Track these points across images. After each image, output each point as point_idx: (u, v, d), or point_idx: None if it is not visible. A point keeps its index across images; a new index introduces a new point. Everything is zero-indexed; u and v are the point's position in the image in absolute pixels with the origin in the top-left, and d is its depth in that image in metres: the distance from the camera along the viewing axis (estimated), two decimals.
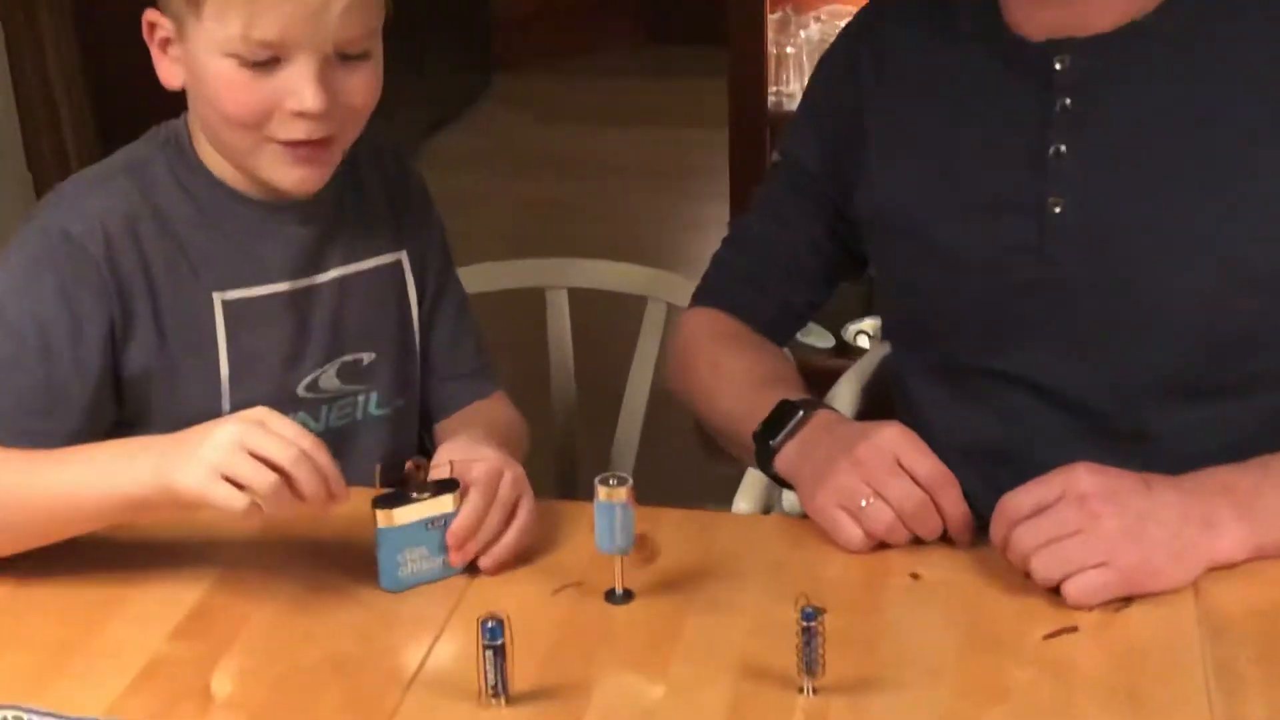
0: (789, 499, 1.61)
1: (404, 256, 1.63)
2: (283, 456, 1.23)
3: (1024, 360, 1.47)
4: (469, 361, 1.71)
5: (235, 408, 1.45)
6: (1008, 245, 1.45)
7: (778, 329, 1.68)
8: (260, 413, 1.27)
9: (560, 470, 2.05)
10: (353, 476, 1.34)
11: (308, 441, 1.25)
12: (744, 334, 1.65)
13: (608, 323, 2.49)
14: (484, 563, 1.35)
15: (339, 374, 1.59)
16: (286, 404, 1.50)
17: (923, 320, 1.54)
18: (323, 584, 1.34)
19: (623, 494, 1.26)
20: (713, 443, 1.64)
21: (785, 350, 1.69)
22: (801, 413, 1.44)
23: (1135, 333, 1.42)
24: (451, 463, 1.35)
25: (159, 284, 1.49)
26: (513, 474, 1.37)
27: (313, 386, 1.57)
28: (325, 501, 1.26)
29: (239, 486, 1.23)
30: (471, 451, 1.38)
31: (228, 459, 1.23)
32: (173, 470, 1.25)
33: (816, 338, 3.29)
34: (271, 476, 1.23)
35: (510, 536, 1.35)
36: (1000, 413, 1.50)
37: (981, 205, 1.46)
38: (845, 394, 1.83)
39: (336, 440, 1.58)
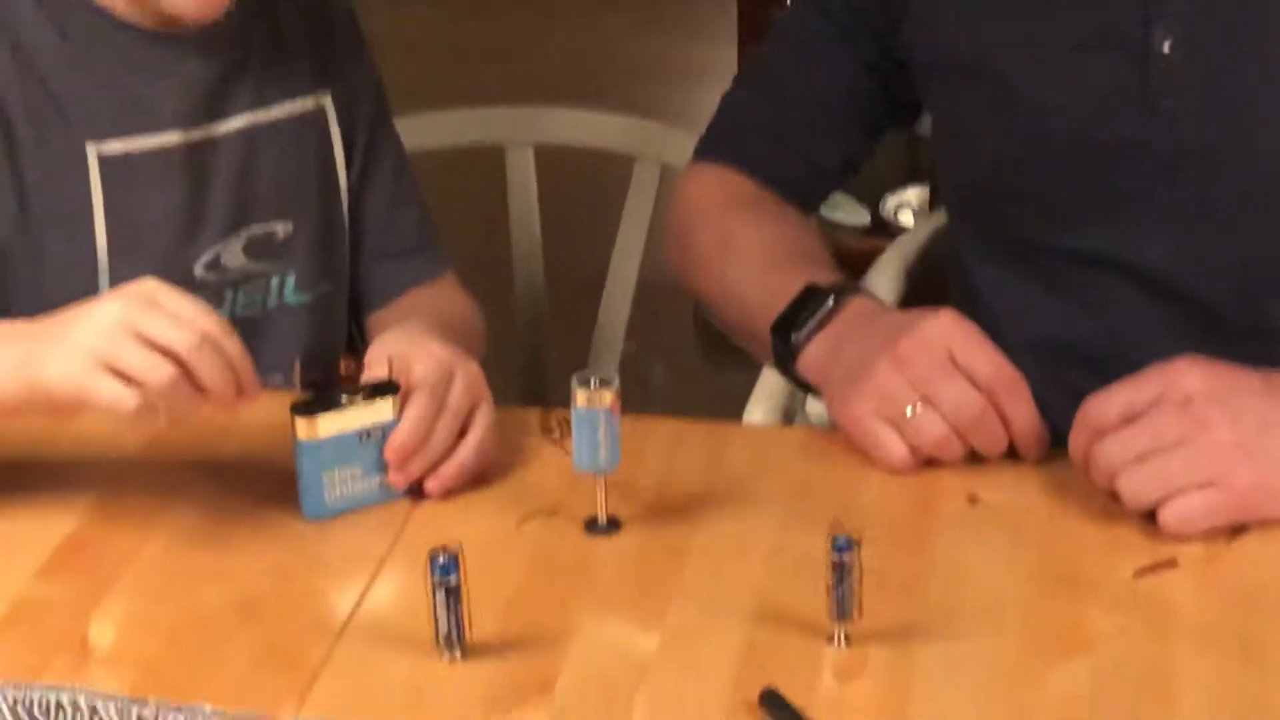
0: (815, 408, 1.62)
1: (327, 102, 1.63)
2: (180, 341, 1.23)
3: (1119, 238, 1.47)
4: (410, 236, 1.72)
5: None
6: (1103, 93, 1.44)
7: (804, 193, 1.67)
8: (150, 287, 1.26)
9: (526, 371, 2.05)
10: (265, 378, 1.34)
11: (210, 322, 1.25)
12: (761, 198, 1.64)
13: (585, 189, 2.49)
14: (431, 485, 1.34)
15: (246, 250, 1.59)
16: (180, 286, 1.48)
17: (992, 186, 1.54)
18: (228, 511, 1.34)
19: (606, 399, 1.26)
20: (717, 341, 1.64)
21: (813, 221, 1.68)
22: (832, 300, 1.44)
23: (1258, 204, 1.42)
24: (390, 359, 1.35)
25: (18, 135, 1.49)
26: (466, 375, 1.36)
27: (214, 265, 1.57)
28: (234, 399, 1.25)
29: (126, 380, 1.22)
30: (414, 346, 1.37)
31: (111, 346, 1.22)
32: (42, 363, 1.24)
33: (848, 212, 3.29)
34: (167, 367, 1.22)
35: (463, 452, 1.35)
36: (1085, 302, 1.50)
37: (1071, 43, 1.46)
38: (884, 279, 1.83)
39: (244, 334, 1.56)
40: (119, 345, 1.22)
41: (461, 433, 1.35)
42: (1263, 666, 1.15)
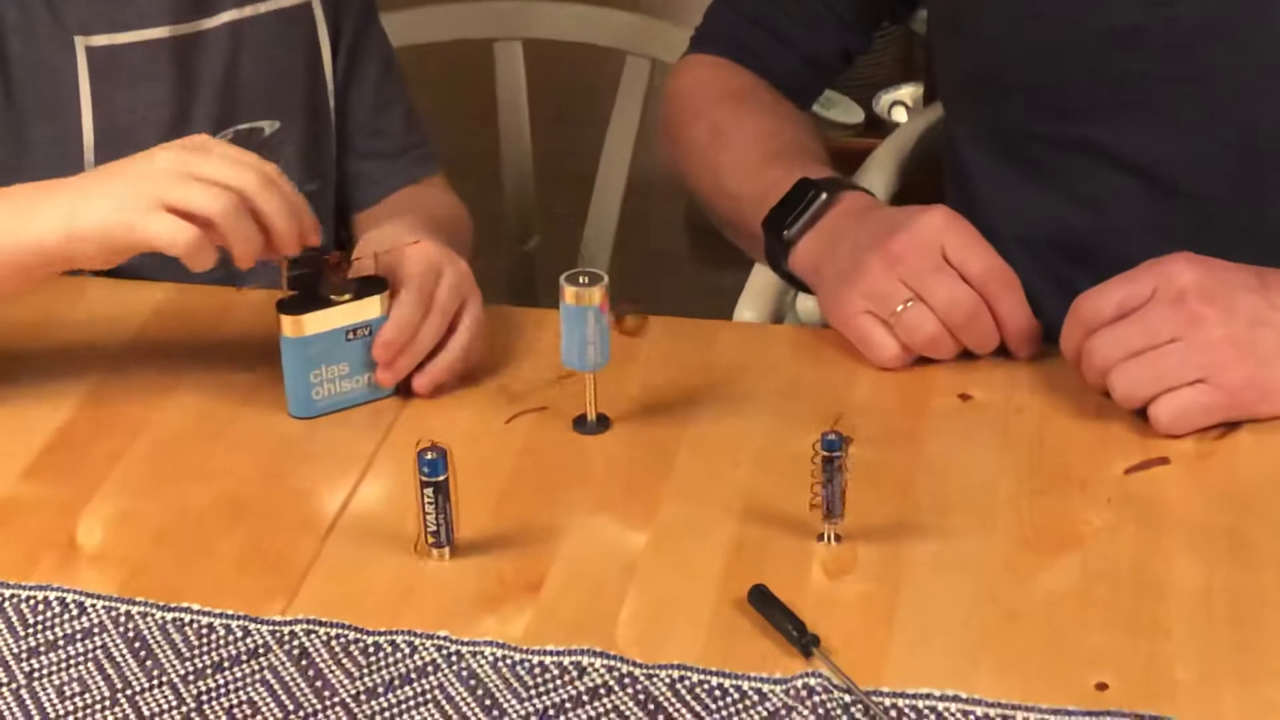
0: (806, 305, 1.61)
1: None
2: (240, 179, 1.23)
3: (1116, 129, 1.46)
4: (398, 135, 1.71)
5: None
6: None
7: (800, 86, 1.66)
8: (202, 138, 1.27)
9: (515, 271, 2.05)
10: (252, 278, 1.34)
11: (268, 165, 1.26)
12: (757, 90, 1.63)
13: (575, 85, 2.47)
14: (419, 382, 1.34)
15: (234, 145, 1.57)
16: None
17: (990, 76, 1.53)
18: (215, 410, 1.34)
19: (596, 296, 1.25)
20: (708, 240, 1.63)
21: (809, 116, 1.67)
22: (824, 195, 1.43)
23: (1257, 95, 1.41)
24: (376, 256, 1.34)
25: (5, 28, 1.48)
26: (455, 271, 1.35)
27: None
28: (296, 239, 1.26)
29: (186, 217, 1.22)
30: (403, 242, 1.36)
31: (170, 186, 1.22)
32: (93, 207, 1.23)
33: (841, 111, 3.28)
34: (230, 197, 1.22)
35: (452, 349, 1.34)
36: (1082, 196, 1.49)
37: None
38: (878, 176, 1.83)
39: None
40: (177, 185, 1.22)
41: (450, 330, 1.35)
42: (1252, 564, 1.15)
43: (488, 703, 1.05)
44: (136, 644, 1.10)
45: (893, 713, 1.03)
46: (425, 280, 1.33)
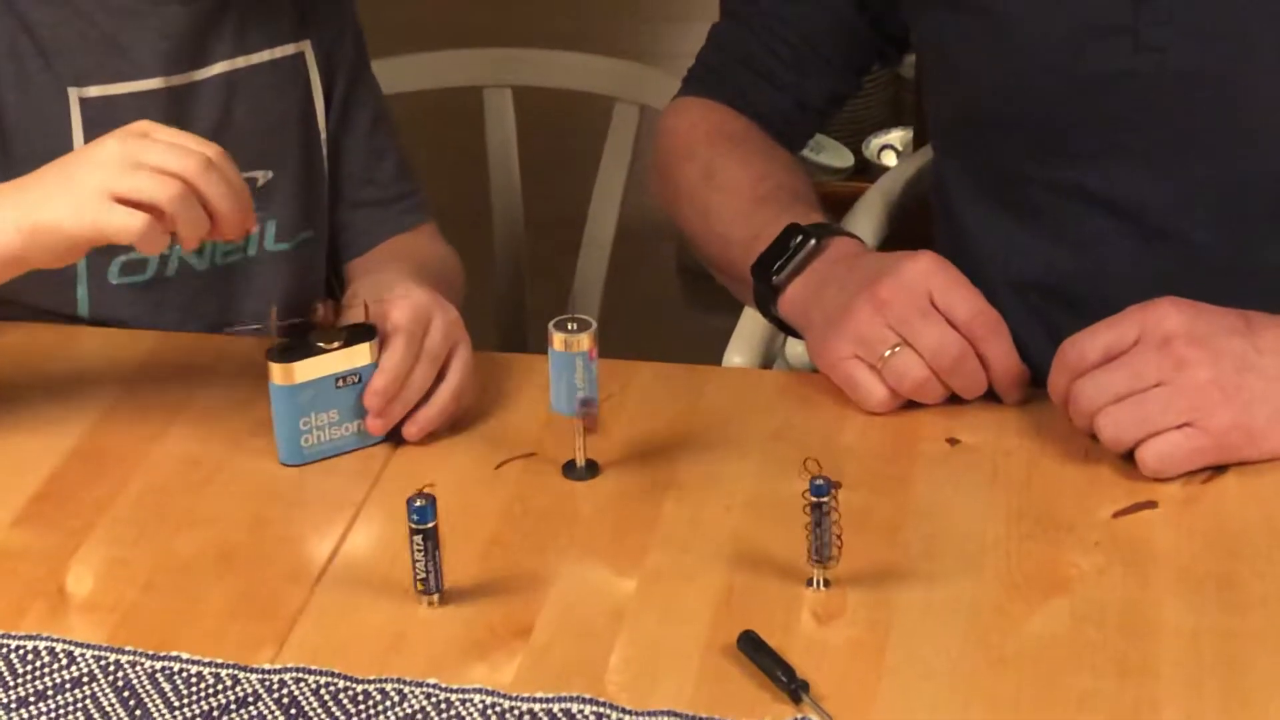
0: (795, 350, 1.61)
1: (307, 48, 1.62)
2: (184, 166, 1.25)
3: (1108, 172, 1.46)
4: (389, 184, 1.71)
5: None
6: (1093, 22, 1.43)
7: (791, 129, 1.66)
8: (144, 125, 1.28)
9: (505, 317, 2.05)
10: (244, 325, 1.34)
11: (211, 149, 1.27)
12: (749, 133, 1.63)
13: (564, 131, 2.47)
14: (409, 430, 1.34)
15: None
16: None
17: (980, 118, 1.53)
18: (205, 457, 1.34)
19: (584, 342, 1.26)
20: (699, 285, 1.63)
21: (799, 160, 1.67)
22: (813, 241, 1.43)
23: (1245, 139, 1.41)
24: (366, 305, 1.34)
25: (0, 76, 1.48)
26: (444, 318, 1.35)
27: None
28: (240, 223, 1.28)
29: (135, 206, 1.24)
30: (392, 291, 1.36)
31: (118, 177, 1.24)
32: (47, 206, 1.26)
33: (831, 154, 3.28)
34: (176, 184, 1.24)
35: (443, 395, 1.34)
36: (1071, 239, 1.49)
37: None
38: (866, 219, 1.82)
39: (224, 282, 1.60)
40: (125, 176, 1.24)
41: (439, 377, 1.34)
42: (1240, 606, 1.14)
43: None
44: (126, 693, 1.10)
45: None
46: (415, 327, 1.33)
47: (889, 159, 3.26)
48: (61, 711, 1.09)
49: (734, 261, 1.51)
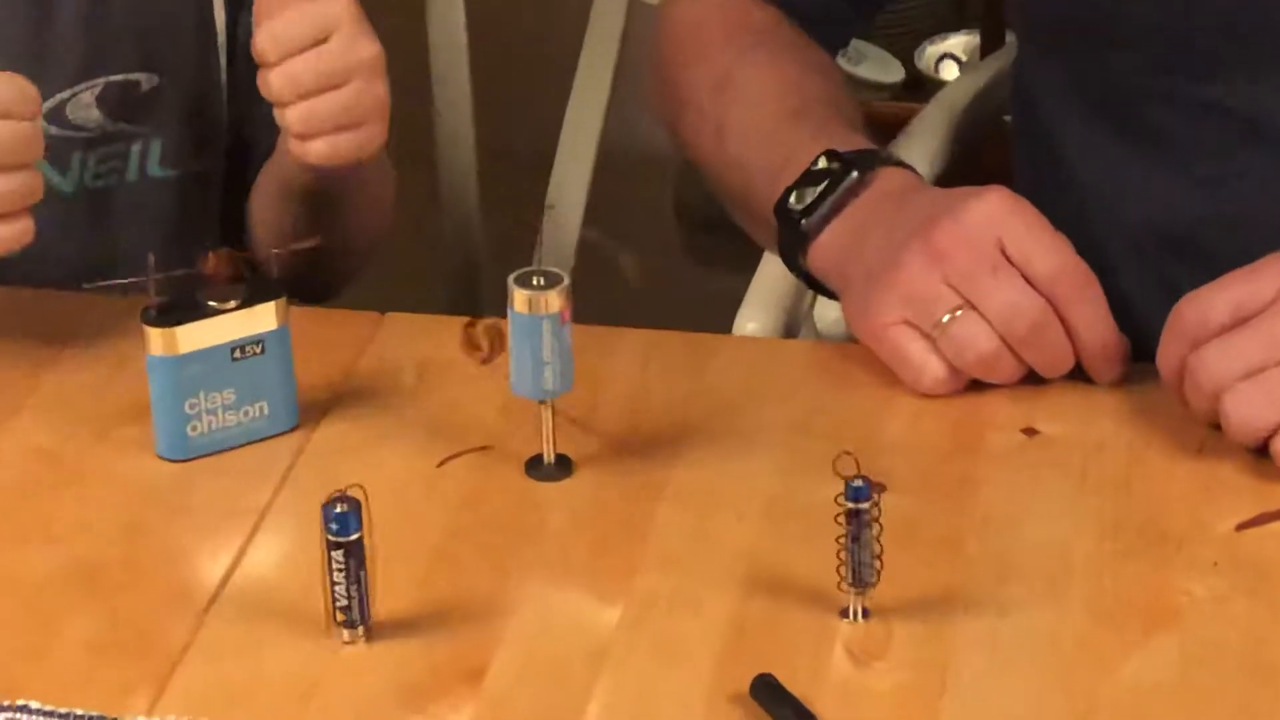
0: (828, 314, 1.62)
1: None
2: None
3: (1253, 89, 1.47)
4: None
5: None
6: None
7: (829, 23, 1.67)
8: None
9: (455, 273, 2.05)
10: (120, 270, 1.35)
11: None
12: (777, 28, 1.64)
13: (528, 32, 2.47)
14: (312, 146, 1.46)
15: (101, 102, 1.61)
16: None
17: (1096, 15, 1.53)
18: (61, 448, 1.34)
19: (554, 301, 1.26)
20: (703, 232, 1.64)
21: (838, 67, 1.68)
22: (855, 173, 1.44)
23: None
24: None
25: None
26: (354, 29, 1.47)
27: (58, 116, 1.59)
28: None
29: None
30: None
31: None
32: None
33: (875, 67, 3.30)
34: None
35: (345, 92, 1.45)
36: (1203, 174, 1.50)
37: None
38: (921, 148, 1.83)
39: (93, 212, 1.63)
40: None
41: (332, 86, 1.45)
42: None
43: None
44: None
45: None
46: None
47: (949, 71, 3.27)
48: None
49: (754, 194, 1.51)
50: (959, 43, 3.32)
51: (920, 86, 3.24)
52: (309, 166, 1.49)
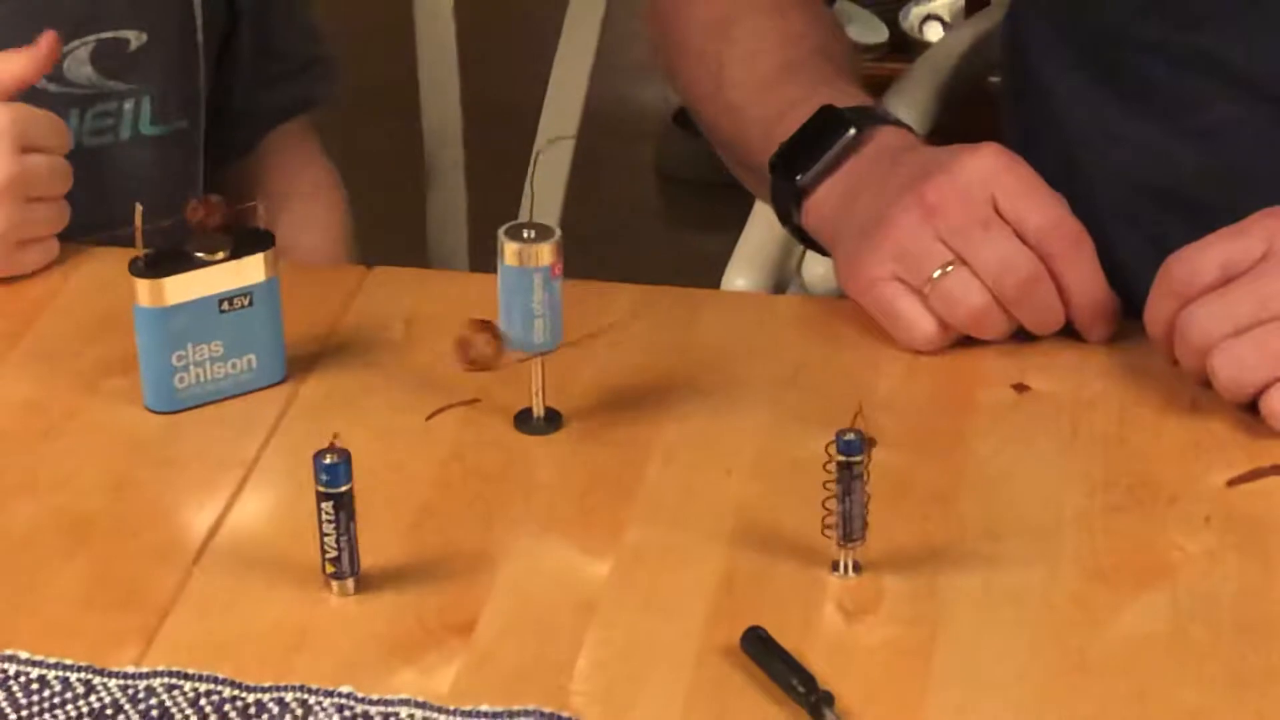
0: (817, 269, 1.62)
1: None
2: None
3: (1246, 40, 1.46)
4: (293, 56, 1.78)
5: None
6: None
7: None
8: None
9: (439, 224, 2.04)
10: (115, 225, 1.37)
11: None
12: None
13: None
14: None
15: (95, 60, 1.61)
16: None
17: None
18: (48, 400, 1.34)
19: (545, 254, 1.26)
20: (685, 194, 1.64)
21: (836, 18, 1.67)
22: (853, 130, 1.43)
23: None
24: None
25: None
26: None
27: (56, 73, 1.59)
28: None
29: None
30: None
31: None
32: None
33: (861, 28, 3.31)
34: None
35: None
36: (1195, 126, 1.50)
37: None
38: (906, 108, 1.83)
39: (92, 169, 1.61)
40: None
41: None
42: None
43: None
44: None
45: None
46: None
47: (933, 32, 3.28)
48: None
49: (749, 143, 1.51)
50: (943, 4, 3.34)
51: (905, 47, 3.26)
52: None
